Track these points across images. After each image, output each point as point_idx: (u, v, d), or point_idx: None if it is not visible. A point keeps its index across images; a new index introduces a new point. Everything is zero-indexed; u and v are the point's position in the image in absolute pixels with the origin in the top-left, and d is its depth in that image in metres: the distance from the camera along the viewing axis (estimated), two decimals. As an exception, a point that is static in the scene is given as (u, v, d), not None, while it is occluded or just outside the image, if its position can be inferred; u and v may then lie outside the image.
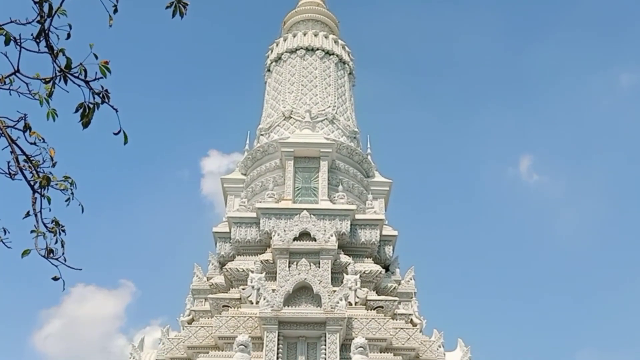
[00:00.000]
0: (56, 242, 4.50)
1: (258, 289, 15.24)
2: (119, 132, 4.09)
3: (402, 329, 15.42)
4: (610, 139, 52.60)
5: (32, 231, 4.14)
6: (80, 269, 4.39)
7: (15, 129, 4.27)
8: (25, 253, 4.05)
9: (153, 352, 15.99)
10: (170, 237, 56.48)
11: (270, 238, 16.94)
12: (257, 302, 14.97)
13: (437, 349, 15.56)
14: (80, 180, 4.67)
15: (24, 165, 4.28)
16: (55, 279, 4.33)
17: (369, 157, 20.58)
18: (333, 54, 21.35)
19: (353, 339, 13.96)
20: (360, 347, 13.45)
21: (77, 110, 3.97)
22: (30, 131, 4.26)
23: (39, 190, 4.26)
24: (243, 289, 15.84)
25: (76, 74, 3.97)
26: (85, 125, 4.01)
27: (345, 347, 14.19)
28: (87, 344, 51.57)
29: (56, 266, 4.32)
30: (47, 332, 51.06)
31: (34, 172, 4.25)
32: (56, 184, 4.38)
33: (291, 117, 20.30)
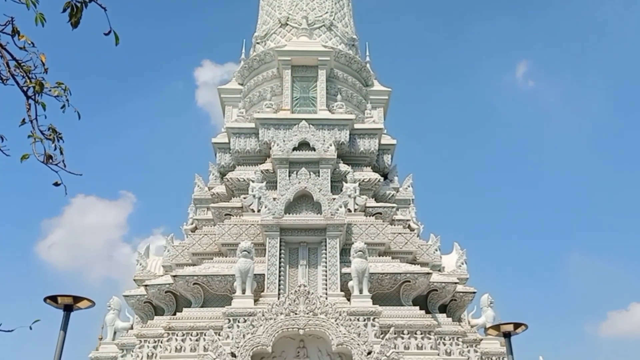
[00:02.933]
0: (55, 149, 4.52)
1: (259, 198, 15.52)
2: (109, 32, 3.99)
3: (400, 233, 15.85)
4: (607, 44, 51.43)
5: (29, 136, 4.15)
6: (81, 174, 4.44)
7: (4, 33, 4.17)
8: (24, 157, 4.08)
9: (159, 259, 16.55)
10: (169, 149, 56.65)
11: (270, 148, 17.02)
12: (259, 211, 15.29)
13: (434, 252, 16.07)
14: (75, 89, 4.63)
15: (15, 71, 4.22)
16: (56, 184, 4.38)
17: (368, 65, 20.21)
18: (330, -44, 20.36)
19: (352, 243, 14.39)
20: (359, 251, 13.89)
21: (64, 10, 3.86)
22: (19, 35, 4.15)
23: (33, 96, 4.23)
24: (244, 198, 16.13)
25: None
26: (75, 25, 3.91)
27: (345, 251, 14.66)
28: (92, 253, 53.17)
29: (56, 172, 4.37)
30: (51, 241, 52.47)
31: (26, 77, 4.19)
32: (49, 90, 4.34)
33: (287, 24, 19.72)
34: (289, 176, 15.77)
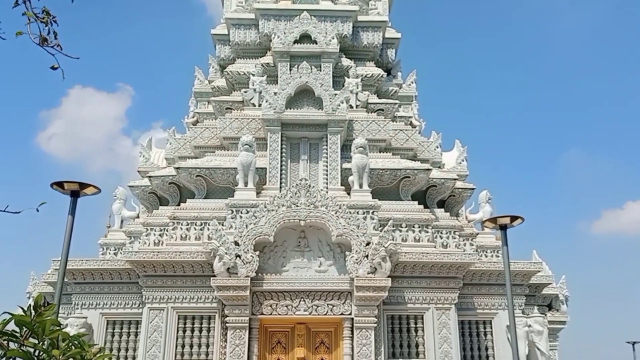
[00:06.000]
0: (48, 32, 4.39)
1: (260, 92, 15.34)
2: None
3: (401, 130, 15.84)
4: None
5: (23, 14, 4.00)
6: (78, 58, 4.32)
7: None
8: (19, 33, 3.96)
9: (161, 152, 16.68)
10: (165, 41, 55.18)
11: (270, 40, 16.58)
12: (260, 105, 15.17)
13: (434, 149, 16.15)
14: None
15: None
16: (53, 68, 4.29)
17: (374, -47, 19.14)
18: None
19: (353, 139, 14.42)
20: (360, 147, 13.95)
21: None
22: None
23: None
24: (245, 92, 15.95)
25: None
26: None
27: (346, 147, 14.73)
28: (92, 145, 53.56)
29: (52, 55, 4.26)
30: (51, 133, 52.64)
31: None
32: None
33: None
34: (290, 70, 15.48)
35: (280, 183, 14.01)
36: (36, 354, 2.89)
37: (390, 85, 17.59)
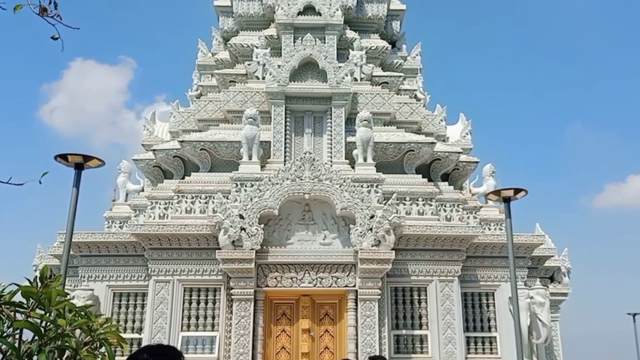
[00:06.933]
0: (49, 2, 4.35)
1: (264, 65, 15.21)
2: None
3: (405, 103, 15.74)
4: None
5: (22, -16, 3.95)
6: (78, 28, 4.29)
7: None
8: (18, 7, 3.92)
9: (165, 125, 16.65)
10: (167, 12, 54.59)
11: (274, 12, 16.38)
12: (263, 78, 15.07)
13: (439, 123, 16.06)
14: None
15: None
16: (54, 38, 4.26)
17: None
18: None
19: (358, 113, 14.34)
20: (364, 120, 13.88)
21: None
22: None
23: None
24: (248, 65, 15.83)
25: None
26: None
27: (350, 120, 14.66)
28: (94, 118, 53.50)
29: (53, 25, 4.23)
30: (53, 106, 52.53)
31: None
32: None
33: None
34: (294, 42, 15.32)
35: (285, 156, 14.00)
36: (43, 324, 2.93)
37: (395, 58, 17.42)
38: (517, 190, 9.65)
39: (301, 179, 12.42)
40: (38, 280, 3.00)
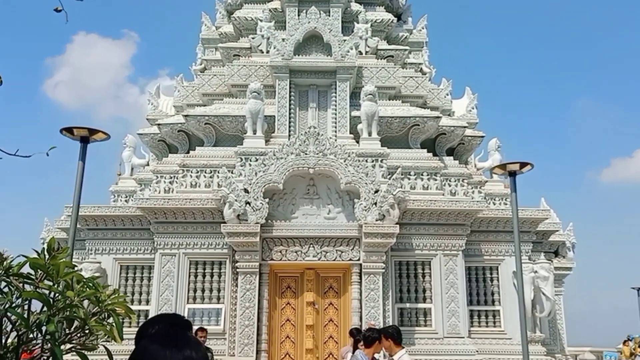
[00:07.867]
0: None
1: (268, 38, 15.08)
2: None
3: (411, 77, 15.61)
4: None
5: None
6: (81, 0, 4.27)
7: None
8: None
9: (169, 99, 16.61)
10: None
11: (279, -16, 16.16)
12: (268, 52, 14.95)
13: (445, 97, 15.95)
14: None
15: None
16: (57, 10, 4.24)
17: None
18: None
19: (363, 87, 14.24)
20: (369, 94, 13.79)
21: None
22: None
23: None
24: (253, 38, 15.69)
25: None
26: None
27: (355, 94, 14.57)
28: (98, 92, 53.37)
29: (56, -3, 4.19)
30: (57, 80, 52.36)
31: None
32: None
33: None
34: (299, 15, 15.15)
35: (289, 131, 13.97)
36: (51, 295, 2.98)
37: (401, 31, 17.22)
38: (522, 164, 9.61)
39: (306, 154, 12.42)
40: (46, 252, 3.03)
